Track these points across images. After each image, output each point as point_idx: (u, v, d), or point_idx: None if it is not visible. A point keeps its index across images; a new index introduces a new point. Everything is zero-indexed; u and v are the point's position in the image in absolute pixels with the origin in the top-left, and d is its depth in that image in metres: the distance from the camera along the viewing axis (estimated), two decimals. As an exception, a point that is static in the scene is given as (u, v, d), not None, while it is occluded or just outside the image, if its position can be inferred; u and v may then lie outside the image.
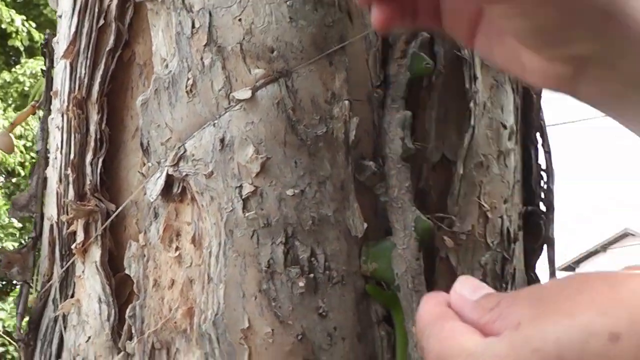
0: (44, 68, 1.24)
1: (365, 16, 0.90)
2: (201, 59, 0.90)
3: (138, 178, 0.97)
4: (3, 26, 7.75)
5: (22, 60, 8.20)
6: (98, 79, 1.01)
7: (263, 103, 0.87)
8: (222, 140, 0.87)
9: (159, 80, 0.93)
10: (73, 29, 1.04)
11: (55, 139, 1.07)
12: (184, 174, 0.89)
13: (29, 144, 7.30)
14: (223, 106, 0.88)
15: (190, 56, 0.90)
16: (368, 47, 0.91)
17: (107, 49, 1.01)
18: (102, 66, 1.01)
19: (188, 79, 0.90)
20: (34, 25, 8.03)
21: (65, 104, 1.04)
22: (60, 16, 1.09)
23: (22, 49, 8.08)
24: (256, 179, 0.86)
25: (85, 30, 1.02)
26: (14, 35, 7.89)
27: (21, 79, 7.89)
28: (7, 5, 7.85)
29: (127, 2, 1.00)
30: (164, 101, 0.92)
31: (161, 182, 0.91)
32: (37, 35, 7.91)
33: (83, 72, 1.02)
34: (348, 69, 0.89)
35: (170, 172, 0.90)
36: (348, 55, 0.89)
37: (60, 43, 1.08)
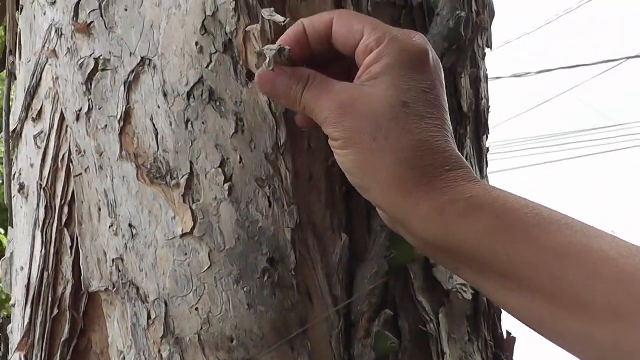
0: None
1: (326, 296, 0.88)
2: (159, 351, 0.86)
3: None
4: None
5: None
6: (54, 372, 0.96)
7: (226, 398, 0.83)
8: None
9: (118, 376, 0.89)
10: (27, 320, 1.00)
11: None
12: None
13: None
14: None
15: (148, 349, 0.87)
16: (330, 329, 0.88)
17: (63, 339, 0.97)
18: (57, 358, 0.97)
19: (147, 375, 0.87)
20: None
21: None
22: (13, 305, 1.06)
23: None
24: None
25: (39, 320, 0.99)
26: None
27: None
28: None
29: (81, 291, 0.98)
30: (122, 400, 0.88)
31: None
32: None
33: (38, 365, 0.98)
34: (311, 354, 0.85)
35: None
36: (310, 339, 0.86)
37: (15, 333, 1.05)
